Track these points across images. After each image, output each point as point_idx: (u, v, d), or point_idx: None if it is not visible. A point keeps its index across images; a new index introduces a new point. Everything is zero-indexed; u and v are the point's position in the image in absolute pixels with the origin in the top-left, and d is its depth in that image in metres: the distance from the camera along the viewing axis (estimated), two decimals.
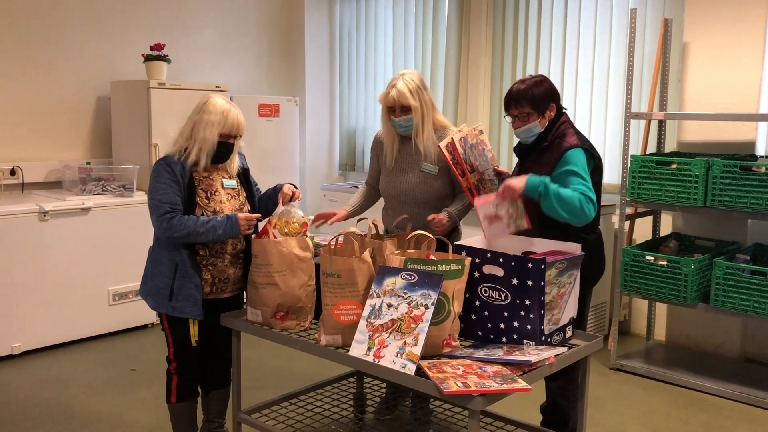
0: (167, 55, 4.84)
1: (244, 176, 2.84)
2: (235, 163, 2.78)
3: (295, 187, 2.80)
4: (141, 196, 4.63)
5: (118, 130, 4.95)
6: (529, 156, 2.71)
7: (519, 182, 2.48)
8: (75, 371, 3.96)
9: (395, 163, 2.98)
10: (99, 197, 4.49)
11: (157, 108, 4.65)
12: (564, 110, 2.72)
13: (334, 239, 2.57)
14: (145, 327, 4.70)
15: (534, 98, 2.61)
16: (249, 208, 2.79)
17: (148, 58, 4.79)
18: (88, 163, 4.64)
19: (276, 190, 2.81)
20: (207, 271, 2.67)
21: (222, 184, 2.72)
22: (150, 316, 4.71)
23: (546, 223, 2.60)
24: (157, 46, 4.81)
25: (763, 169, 3.42)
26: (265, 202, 2.87)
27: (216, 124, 2.62)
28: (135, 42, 5.10)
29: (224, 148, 2.67)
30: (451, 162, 2.75)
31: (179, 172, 2.61)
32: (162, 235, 2.61)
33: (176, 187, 2.59)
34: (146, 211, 4.63)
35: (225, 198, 2.70)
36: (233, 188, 2.75)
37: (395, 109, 2.88)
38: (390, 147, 2.99)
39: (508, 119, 2.72)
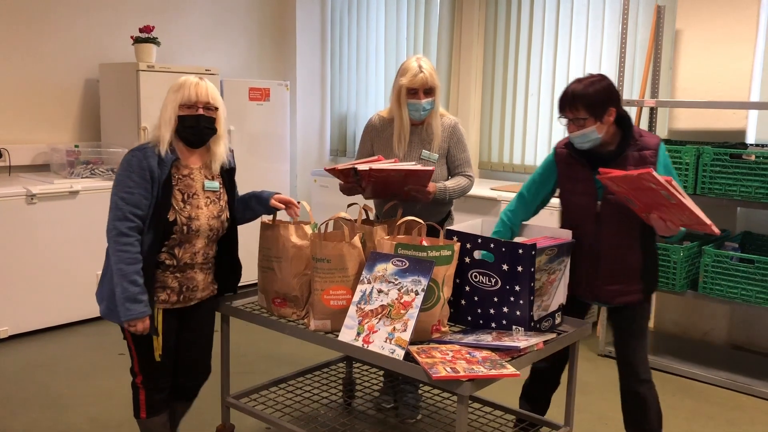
0: (157, 38, 4.79)
1: (228, 177, 2.52)
2: (219, 156, 2.45)
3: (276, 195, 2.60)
4: None
5: (106, 113, 4.90)
6: (615, 160, 2.44)
7: (678, 228, 2.41)
8: (63, 355, 3.95)
9: (407, 149, 2.93)
10: (87, 180, 4.45)
11: (146, 91, 4.60)
12: (626, 112, 2.49)
13: (324, 224, 2.56)
14: None
15: (591, 102, 2.36)
16: (227, 215, 2.49)
17: (137, 41, 4.74)
18: (76, 146, 4.60)
19: (260, 199, 2.59)
20: (174, 278, 2.41)
21: (203, 185, 2.42)
22: None
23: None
24: (147, 29, 4.76)
25: (752, 158, 3.43)
26: (241, 210, 2.61)
27: (174, 99, 2.37)
28: (124, 24, 5.04)
29: (191, 122, 2.36)
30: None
31: (156, 167, 2.31)
32: (108, 240, 2.32)
33: (146, 185, 2.30)
34: None
35: (204, 203, 2.41)
36: (215, 191, 2.45)
37: (418, 92, 2.85)
38: (405, 133, 2.91)
39: (563, 121, 2.46)
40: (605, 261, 2.49)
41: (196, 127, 2.37)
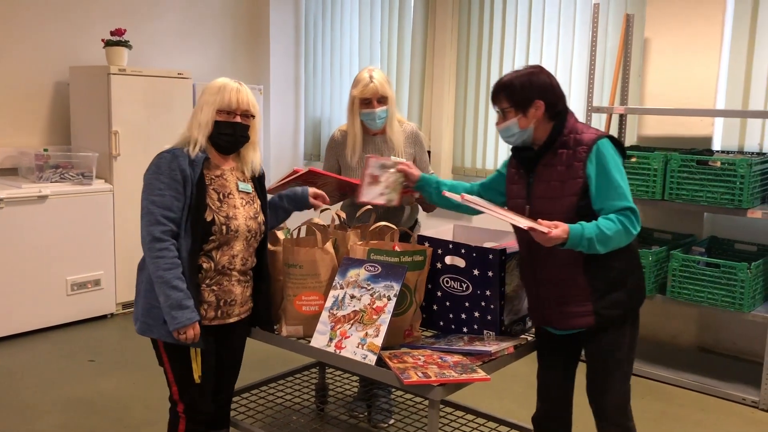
0: (128, 41, 4.74)
1: (258, 182, 2.43)
2: (252, 163, 2.38)
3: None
4: (100, 184, 4.56)
5: (77, 116, 4.84)
6: (541, 160, 2.22)
7: (559, 233, 2.01)
8: (31, 362, 3.89)
9: (361, 160, 2.97)
10: (56, 185, 4.39)
11: (117, 94, 4.56)
12: (565, 108, 2.24)
13: (297, 230, 2.56)
14: (104, 317, 4.63)
15: (513, 93, 2.19)
16: (263, 219, 2.39)
17: (108, 44, 4.69)
18: (45, 150, 4.53)
19: (296, 198, 2.54)
20: (211, 291, 2.26)
21: (237, 186, 2.33)
22: (109, 305, 4.64)
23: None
24: (118, 32, 4.72)
25: (718, 164, 3.51)
26: (272, 213, 2.53)
27: (212, 103, 2.26)
28: (95, 26, 4.98)
29: (227, 129, 2.26)
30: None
31: (187, 166, 2.20)
32: (143, 249, 2.21)
33: (177, 186, 2.19)
34: (106, 199, 4.62)
35: (240, 202, 2.31)
36: (248, 193, 2.35)
37: (371, 102, 2.89)
38: (358, 143, 2.96)
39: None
40: (544, 276, 2.23)
41: (231, 135, 2.28)
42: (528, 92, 2.18)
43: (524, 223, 1.99)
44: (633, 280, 2.26)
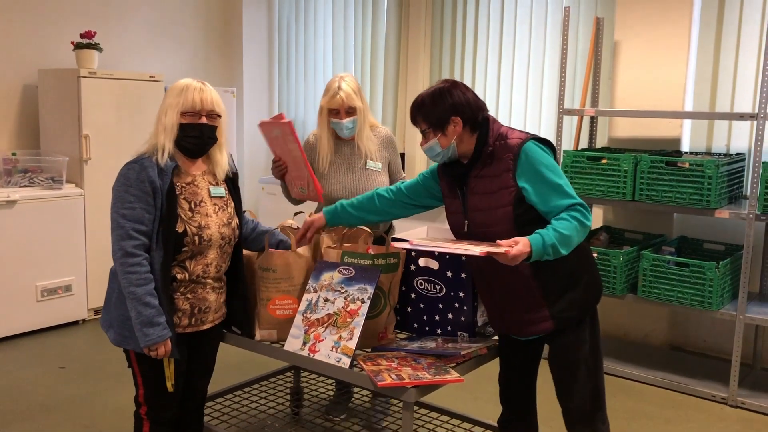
0: (98, 44, 4.69)
1: (232, 183, 2.38)
2: (221, 165, 2.33)
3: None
4: (71, 189, 4.50)
5: (46, 120, 4.77)
6: (471, 173, 2.18)
7: (521, 249, 1.93)
8: (1, 370, 3.81)
9: (332, 165, 2.98)
10: (25, 190, 4.32)
11: (87, 98, 4.50)
12: (486, 117, 2.22)
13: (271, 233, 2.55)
14: (75, 323, 4.56)
15: (428, 114, 2.19)
16: (237, 222, 2.36)
17: (78, 46, 4.63)
18: (13, 154, 4.46)
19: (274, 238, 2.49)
20: (185, 300, 2.24)
21: (209, 192, 2.28)
22: (81, 311, 4.57)
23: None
24: (88, 34, 4.66)
25: (686, 165, 3.56)
26: (261, 241, 2.49)
27: (175, 105, 2.20)
28: (64, 29, 4.92)
29: (193, 131, 2.21)
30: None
31: (156, 177, 2.15)
32: (114, 263, 2.18)
33: (147, 198, 2.14)
34: (76, 204, 4.56)
35: (212, 210, 2.26)
36: (221, 197, 2.31)
37: (339, 112, 2.89)
38: (328, 150, 2.97)
39: None
40: (497, 286, 2.20)
41: (198, 137, 2.22)
42: (443, 111, 2.16)
43: (478, 250, 1.92)
44: (586, 277, 2.21)
